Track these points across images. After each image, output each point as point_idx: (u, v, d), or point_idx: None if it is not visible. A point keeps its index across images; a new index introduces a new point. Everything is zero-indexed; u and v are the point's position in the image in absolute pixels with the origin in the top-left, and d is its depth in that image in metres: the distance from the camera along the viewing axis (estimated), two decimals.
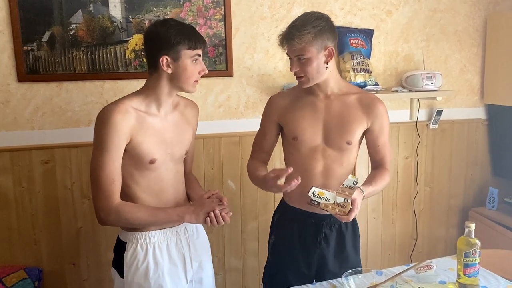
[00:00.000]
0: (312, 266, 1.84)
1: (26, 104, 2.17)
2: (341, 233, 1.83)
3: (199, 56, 1.58)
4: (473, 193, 3.09)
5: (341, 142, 1.74)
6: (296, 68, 1.66)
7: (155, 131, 1.58)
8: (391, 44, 2.74)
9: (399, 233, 2.95)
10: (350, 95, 1.76)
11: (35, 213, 2.23)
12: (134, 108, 1.55)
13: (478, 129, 3.03)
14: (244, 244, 2.61)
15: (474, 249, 1.54)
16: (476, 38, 2.92)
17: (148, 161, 1.56)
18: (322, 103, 1.76)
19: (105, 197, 1.49)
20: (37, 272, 2.17)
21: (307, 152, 1.77)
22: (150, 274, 1.60)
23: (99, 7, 2.18)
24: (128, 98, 1.58)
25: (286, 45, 1.65)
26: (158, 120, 1.60)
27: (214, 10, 2.35)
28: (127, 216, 1.51)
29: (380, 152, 1.81)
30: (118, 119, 1.48)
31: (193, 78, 1.58)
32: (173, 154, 1.65)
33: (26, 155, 2.19)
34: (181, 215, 1.56)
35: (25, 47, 2.10)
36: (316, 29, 1.61)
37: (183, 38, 1.52)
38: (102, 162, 1.48)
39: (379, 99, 1.78)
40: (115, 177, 1.50)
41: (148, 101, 1.59)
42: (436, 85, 2.62)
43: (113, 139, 1.48)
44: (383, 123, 1.77)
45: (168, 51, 1.52)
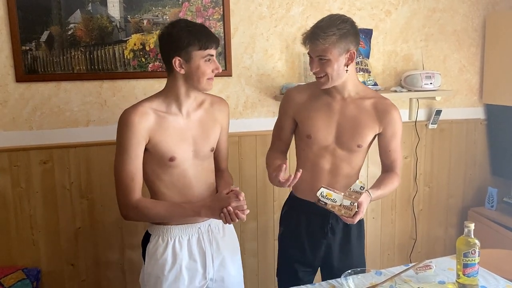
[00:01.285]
0: (318, 256, 1.89)
1: (24, 104, 2.16)
2: (347, 225, 1.85)
3: (212, 55, 1.59)
4: (472, 193, 3.09)
5: (352, 144, 1.78)
6: (317, 68, 1.68)
7: (175, 130, 1.63)
8: (390, 44, 2.73)
9: (398, 233, 2.95)
10: (366, 100, 1.79)
11: (33, 214, 2.23)
12: (154, 109, 1.61)
13: (477, 129, 3.03)
14: (243, 244, 2.60)
15: (474, 249, 1.54)
16: (475, 38, 2.91)
17: (168, 158, 1.61)
18: (338, 105, 1.79)
19: (125, 194, 1.59)
20: (35, 273, 2.17)
21: (318, 150, 1.81)
22: (168, 267, 1.65)
23: (98, 6, 2.18)
24: (149, 100, 1.64)
25: (309, 44, 1.66)
26: (179, 119, 1.65)
27: (213, 10, 2.34)
28: (145, 212, 1.60)
29: (390, 157, 1.85)
30: (136, 121, 1.56)
31: (206, 77, 1.60)
32: (198, 151, 1.68)
33: (25, 155, 2.18)
34: (197, 210, 1.60)
35: (24, 47, 2.10)
36: (341, 31, 1.63)
37: (193, 39, 1.55)
38: (122, 161, 1.58)
39: (394, 105, 1.81)
40: (134, 175, 1.58)
41: (168, 102, 1.64)
42: (435, 85, 2.62)
43: (131, 140, 1.56)
44: (395, 129, 1.80)
45: (180, 52, 1.56)
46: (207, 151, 1.73)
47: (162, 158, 1.62)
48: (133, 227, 2.36)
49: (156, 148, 1.60)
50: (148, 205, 1.61)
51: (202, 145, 1.70)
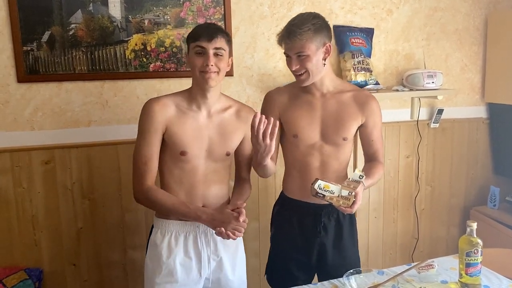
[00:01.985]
0: (313, 255, 1.88)
1: (25, 105, 2.16)
2: (339, 222, 1.87)
3: (201, 48, 1.59)
4: (475, 192, 3.08)
5: (338, 138, 1.80)
6: (297, 65, 1.69)
7: (192, 126, 1.66)
8: (391, 43, 2.73)
9: (400, 233, 2.94)
10: (345, 93, 1.82)
11: (35, 214, 2.23)
12: (176, 103, 1.67)
13: (479, 128, 3.02)
14: (245, 244, 2.59)
15: (476, 248, 1.54)
16: (476, 36, 2.91)
17: (179, 152, 1.65)
18: (319, 101, 1.80)
19: (138, 178, 1.65)
20: (37, 273, 2.17)
21: (305, 149, 1.82)
22: (163, 259, 1.68)
23: (99, 7, 2.17)
24: (174, 94, 1.71)
25: (287, 42, 1.68)
26: (199, 116, 1.68)
27: (214, 10, 2.34)
28: (153, 199, 1.63)
29: (373, 146, 1.87)
30: (156, 109, 1.63)
31: (197, 69, 1.61)
32: (211, 152, 1.70)
33: (26, 156, 2.18)
34: (199, 214, 1.62)
35: (25, 47, 2.10)
36: (315, 26, 1.66)
37: (192, 32, 1.63)
38: (138, 145, 1.65)
39: (373, 96, 1.85)
40: (148, 160, 1.63)
41: (190, 99, 1.69)
42: (437, 84, 2.61)
43: (149, 126, 1.63)
44: (376, 119, 1.83)
45: (187, 46, 1.65)
46: (222, 154, 1.72)
47: (174, 151, 1.66)
48: (135, 227, 2.36)
49: (170, 139, 1.65)
50: (157, 194, 1.64)
51: (217, 147, 1.70)
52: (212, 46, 1.59)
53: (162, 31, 2.27)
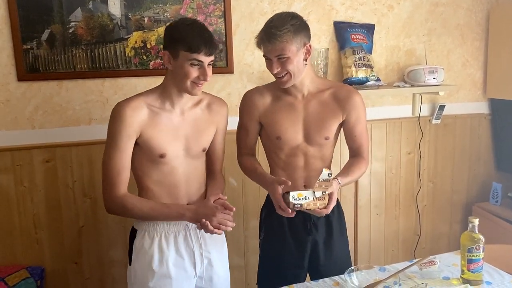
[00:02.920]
0: (305, 255, 1.87)
1: (26, 103, 2.16)
2: (328, 219, 1.86)
3: (199, 62, 1.53)
4: (477, 188, 3.07)
5: (320, 139, 1.79)
6: (278, 68, 1.66)
7: (168, 127, 1.61)
8: (392, 39, 2.72)
9: (402, 229, 2.94)
10: (325, 91, 1.80)
11: (36, 213, 2.23)
12: (148, 104, 1.59)
13: (481, 123, 3.01)
14: (246, 242, 2.60)
15: (478, 245, 1.53)
16: (478, 32, 2.89)
17: (158, 155, 1.60)
18: (301, 103, 1.79)
19: (110, 187, 1.57)
20: (39, 271, 2.17)
21: (289, 150, 1.81)
22: (155, 263, 1.63)
23: (98, 4, 2.17)
24: (144, 94, 1.63)
25: (266, 45, 1.64)
26: (173, 116, 1.63)
27: (214, 7, 2.33)
28: (130, 207, 1.57)
29: (356, 142, 1.84)
30: (128, 114, 1.54)
31: (189, 79, 1.55)
32: (189, 150, 1.66)
33: (27, 154, 2.18)
34: (182, 212, 1.58)
35: (25, 46, 2.10)
36: (294, 27, 1.62)
37: (184, 38, 1.51)
38: (110, 153, 1.56)
39: (355, 90, 1.82)
40: (121, 169, 1.56)
41: (163, 98, 1.62)
42: (438, 79, 2.60)
43: (121, 132, 1.54)
44: (359, 114, 1.80)
45: (170, 47, 1.55)
46: (199, 151, 1.70)
47: (152, 154, 1.60)
48: None
49: (147, 144, 1.58)
50: (133, 201, 1.58)
51: (194, 144, 1.67)
52: (209, 59, 1.56)
53: (162, 28, 2.26)
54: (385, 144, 2.80)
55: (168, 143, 1.61)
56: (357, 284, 1.56)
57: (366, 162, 1.84)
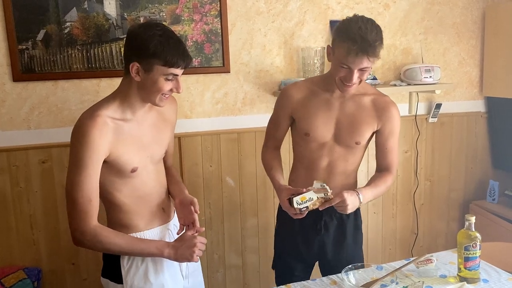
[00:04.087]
0: (313, 253, 1.88)
1: (22, 104, 2.16)
2: (342, 222, 1.86)
3: (176, 75, 1.46)
4: (474, 186, 3.08)
5: (350, 141, 1.77)
6: (358, 79, 1.62)
7: (133, 138, 1.53)
8: (389, 38, 2.72)
9: (399, 228, 2.94)
10: (365, 96, 1.78)
11: (33, 213, 2.22)
12: (110, 118, 1.47)
13: (478, 122, 3.01)
14: (244, 241, 2.60)
15: (475, 242, 1.53)
16: (474, 30, 2.90)
17: (130, 170, 1.52)
18: (337, 101, 1.77)
19: (81, 217, 1.42)
20: (36, 272, 2.17)
21: (315, 147, 1.80)
22: (151, 274, 1.57)
23: (94, 4, 2.16)
24: (104, 105, 1.48)
25: (361, 57, 1.55)
26: (135, 125, 1.54)
27: (210, 6, 2.33)
28: (103, 240, 1.45)
29: (387, 156, 1.82)
30: (96, 135, 1.40)
31: (160, 93, 1.48)
32: (153, 157, 1.61)
33: (23, 155, 2.18)
34: (161, 249, 1.51)
35: (20, 46, 2.09)
36: (382, 43, 1.59)
37: (161, 52, 1.40)
38: (79, 181, 1.41)
39: (393, 103, 1.80)
40: (92, 196, 1.43)
41: (123, 108, 1.51)
42: (435, 78, 2.60)
43: (91, 156, 1.40)
44: (393, 127, 1.78)
45: (141, 59, 1.42)
46: (162, 154, 1.66)
47: (122, 170, 1.50)
48: None
49: (116, 161, 1.48)
50: (108, 234, 1.46)
51: (157, 150, 1.62)
52: (182, 72, 1.49)
53: None
54: None
55: (136, 155, 1.53)
56: (354, 283, 1.56)
57: (393, 177, 1.82)
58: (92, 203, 1.43)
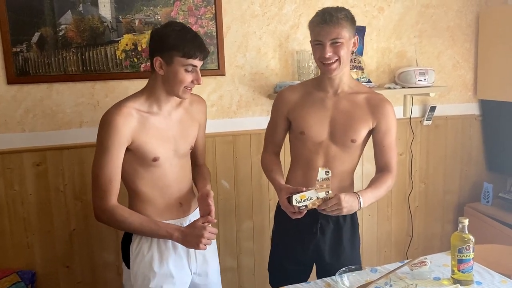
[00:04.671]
0: (309, 256, 1.88)
1: (16, 106, 2.15)
2: (338, 225, 1.85)
3: (194, 66, 1.59)
4: (468, 189, 3.09)
5: (346, 139, 1.77)
6: (330, 52, 1.65)
7: (158, 130, 1.64)
8: (383, 41, 2.73)
9: (394, 230, 2.95)
10: (359, 94, 1.79)
11: (27, 216, 2.21)
12: (136, 109, 1.61)
13: (472, 124, 3.03)
14: (239, 244, 2.60)
15: (468, 245, 1.54)
16: (468, 33, 2.91)
17: (152, 159, 1.62)
18: (331, 100, 1.78)
19: (101, 196, 1.57)
20: (30, 276, 2.16)
21: (311, 147, 1.81)
22: (155, 264, 1.66)
23: (89, 7, 2.16)
24: (132, 99, 1.64)
25: (324, 27, 1.63)
26: (161, 118, 1.66)
27: (205, 9, 2.33)
28: (120, 219, 1.58)
29: (385, 154, 1.82)
30: (120, 122, 1.55)
31: (183, 85, 1.60)
32: (177, 150, 1.70)
33: (18, 158, 2.17)
34: (170, 232, 1.60)
35: (14, 48, 2.08)
36: (350, 15, 1.67)
37: (179, 44, 1.55)
38: (102, 162, 1.56)
39: (387, 100, 1.80)
40: (112, 177, 1.57)
41: (150, 102, 1.64)
42: (429, 81, 2.61)
43: (114, 141, 1.55)
44: (389, 124, 1.78)
45: (162, 53, 1.57)
46: (187, 150, 1.75)
47: (145, 159, 1.62)
48: None
49: (139, 149, 1.60)
50: (124, 214, 1.59)
51: (182, 144, 1.72)
52: (201, 63, 1.62)
53: None
54: None
55: (160, 146, 1.64)
56: (348, 285, 1.56)
57: (393, 177, 1.82)
58: (112, 184, 1.57)
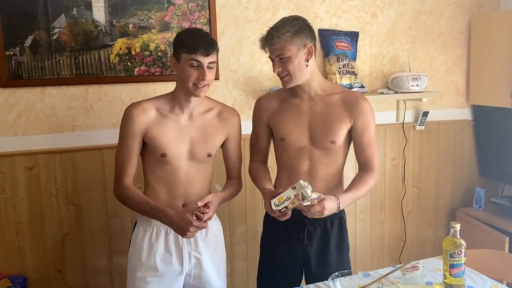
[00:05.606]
0: (297, 263, 1.87)
1: (9, 110, 2.14)
2: (325, 231, 1.84)
3: (197, 62, 1.61)
4: (461, 194, 3.11)
5: (326, 141, 1.76)
6: (279, 68, 1.70)
7: (172, 129, 1.71)
8: (376, 46, 2.75)
9: (387, 235, 2.96)
10: (334, 95, 1.79)
11: (19, 220, 2.20)
12: (157, 107, 1.72)
13: (465, 129, 3.05)
14: (232, 249, 2.60)
15: (460, 249, 1.54)
16: (460, 39, 2.94)
17: (160, 154, 1.70)
18: (307, 105, 1.79)
19: (117, 178, 1.72)
20: (21, 280, 2.14)
21: (294, 153, 1.81)
22: (143, 255, 1.73)
23: (83, 11, 2.16)
24: (156, 98, 1.76)
25: (267, 46, 1.69)
26: (180, 119, 1.73)
27: (199, 14, 2.34)
28: (126, 198, 1.70)
29: (365, 152, 1.80)
30: (135, 114, 1.68)
31: (190, 82, 1.64)
32: (193, 153, 1.74)
33: (10, 161, 2.16)
34: (160, 216, 1.64)
35: (7, 52, 2.08)
36: (294, 28, 1.66)
37: (184, 41, 1.63)
38: (118, 149, 1.72)
39: (363, 97, 1.81)
40: (125, 162, 1.70)
41: (173, 102, 1.73)
42: (422, 86, 2.63)
43: (128, 130, 1.69)
44: (366, 121, 1.77)
45: (175, 52, 1.67)
46: (203, 155, 1.77)
47: (155, 152, 1.71)
48: (121, 232, 2.34)
49: (151, 142, 1.70)
50: (131, 194, 1.69)
51: (199, 148, 1.75)
52: (208, 60, 1.63)
53: (147, 35, 2.27)
54: None
55: (170, 144, 1.70)
56: None
57: (374, 175, 1.79)
58: (124, 167, 1.70)
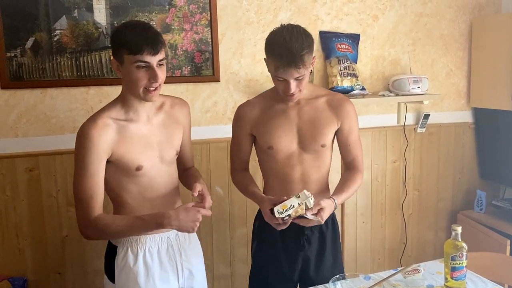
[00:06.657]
0: (296, 270, 1.84)
1: (9, 111, 2.14)
2: (322, 234, 1.84)
3: (146, 63, 1.43)
4: (461, 196, 3.10)
5: (316, 145, 1.75)
6: (295, 89, 1.62)
7: (139, 138, 1.54)
8: (377, 49, 2.75)
9: (388, 237, 2.95)
10: (319, 98, 1.78)
11: (19, 222, 2.20)
12: (113, 119, 1.51)
13: (465, 132, 3.05)
14: (232, 251, 2.59)
15: (461, 252, 1.54)
16: (462, 42, 2.94)
17: (135, 168, 1.53)
18: (294, 109, 1.76)
19: (83, 213, 1.49)
20: (21, 282, 2.14)
21: (283, 160, 1.77)
22: (141, 278, 1.57)
23: (84, 13, 2.16)
24: (107, 108, 1.54)
25: (288, 70, 1.56)
26: (141, 125, 1.56)
27: (200, 16, 2.34)
28: (104, 229, 1.49)
29: (351, 152, 1.82)
30: (96, 136, 1.45)
31: (140, 86, 1.46)
32: (163, 157, 1.61)
33: (10, 163, 2.15)
34: (159, 221, 1.47)
35: (8, 53, 2.08)
36: (310, 45, 1.60)
37: (125, 40, 1.42)
38: (81, 180, 1.48)
39: (347, 99, 1.81)
40: (93, 193, 1.48)
41: (125, 109, 1.54)
42: (423, 89, 2.63)
43: (91, 156, 1.46)
44: (352, 122, 1.79)
45: (115, 53, 1.47)
46: (172, 156, 1.65)
47: (128, 169, 1.53)
48: None
49: (120, 160, 1.51)
50: (107, 221, 1.49)
51: (167, 150, 1.62)
52: (157, 59, 1.45)
53: None
54: (371, 152, 2.82)
55: (143, 154, 1.54)
56: None
57: (362, 174, 1.81)
58: (93, 199, 1.48)
